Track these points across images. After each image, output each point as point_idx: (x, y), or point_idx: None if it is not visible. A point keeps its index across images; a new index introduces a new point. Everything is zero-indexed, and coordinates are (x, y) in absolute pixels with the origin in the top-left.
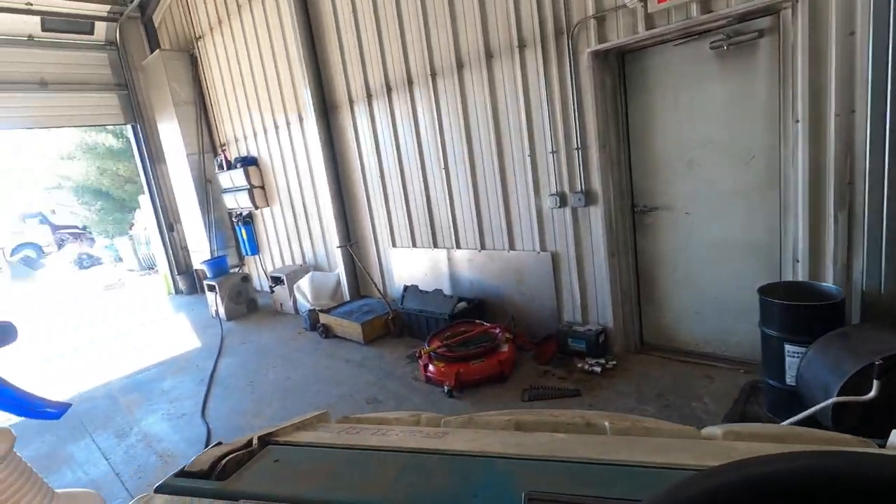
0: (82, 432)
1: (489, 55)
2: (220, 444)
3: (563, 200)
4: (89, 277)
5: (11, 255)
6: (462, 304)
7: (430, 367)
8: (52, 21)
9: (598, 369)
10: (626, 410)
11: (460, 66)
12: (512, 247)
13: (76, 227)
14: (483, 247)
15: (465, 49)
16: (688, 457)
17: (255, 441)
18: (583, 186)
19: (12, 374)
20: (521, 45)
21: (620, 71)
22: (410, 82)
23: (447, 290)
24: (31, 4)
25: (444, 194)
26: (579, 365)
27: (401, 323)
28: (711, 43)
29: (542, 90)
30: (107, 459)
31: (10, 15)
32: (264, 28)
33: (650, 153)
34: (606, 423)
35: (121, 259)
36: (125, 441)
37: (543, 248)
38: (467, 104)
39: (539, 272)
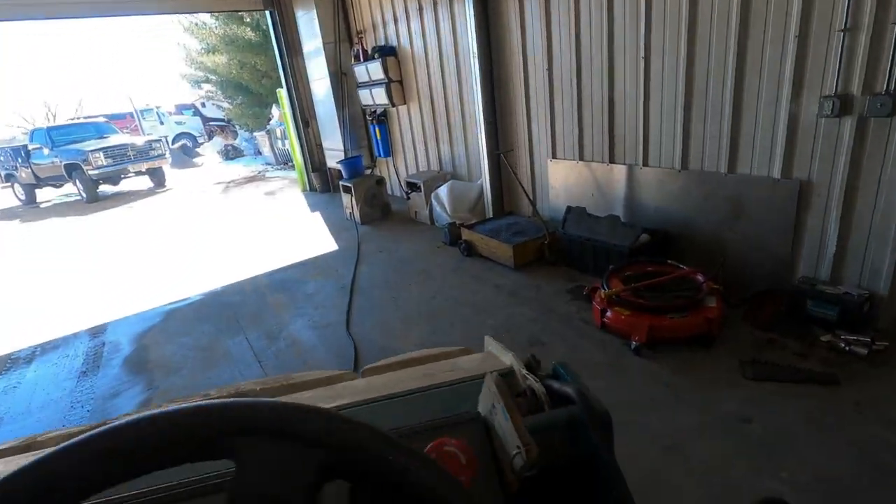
0: (237, 328)
1: None
2: None
3: (844, 106)
4: (234, 168)
5: (172, 143)
6: (645, 237)
7: (609, 314)
8: None
9: (862, 351)
10: None
11: None
12: (732, 169)
13: (222, 120)
14: (685, 166)
15: None
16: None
17: None
18: (893, 86)
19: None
20: None
21: None
22: None
23: (622, 217)
24: None
25: (638, 93)
26: (824, 339)
27: (558, 249)
28: None
29: None
30: (259, 362)
31: None
32: None
33: None
34: (258, 389)
35: (259, 153)
36: (275, 345)
37: (787, 175)
38: None
39: (772, 206)
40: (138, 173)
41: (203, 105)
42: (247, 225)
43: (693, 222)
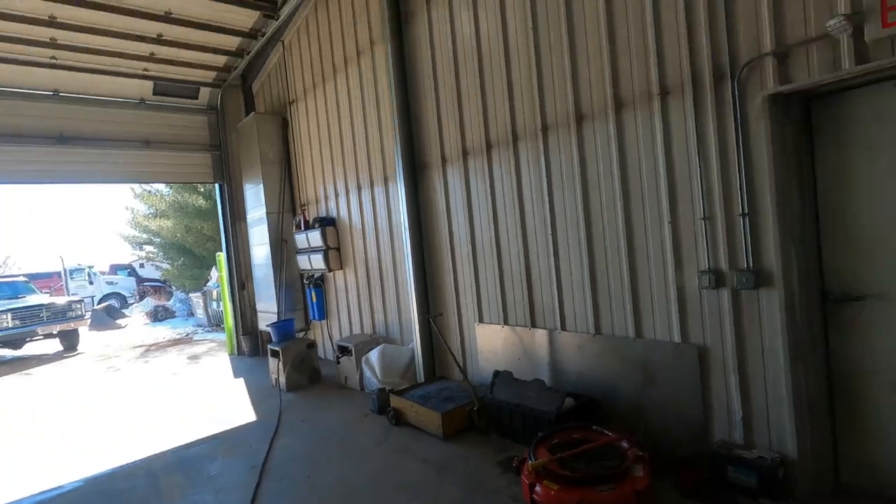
0: None
1: (619, 105)
2: None
3: (719, 279)
4: (161, 330)
5: (98, 303)
6: (570, 402)
7: (538, 489)
8: (163, 86)
9: None
10: None
11: (580, 118)
12: (639, 334)
13: (158, 281)
14: (598, 331)
15: (588, 99)
16: None
17: None
18: (751, 263)
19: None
20: (664, 93)
21: (804, 121)
22: (516, 138)
23: (547, 381)
24: (148, 70)
25: (550, 265)
26: None
27: (488, 416)
28: None
29: (691, 145)
30: None
31: (127, 80)
32: (357, 87)
33: (852, 225)
34: None
35: (192, 314)
36: None
37: (686, 339)
38: (586, 162)
39: (678, 369)
40: (48, 336)
41: (141, 266)
42: (158, 394)
43: (614, 386)
